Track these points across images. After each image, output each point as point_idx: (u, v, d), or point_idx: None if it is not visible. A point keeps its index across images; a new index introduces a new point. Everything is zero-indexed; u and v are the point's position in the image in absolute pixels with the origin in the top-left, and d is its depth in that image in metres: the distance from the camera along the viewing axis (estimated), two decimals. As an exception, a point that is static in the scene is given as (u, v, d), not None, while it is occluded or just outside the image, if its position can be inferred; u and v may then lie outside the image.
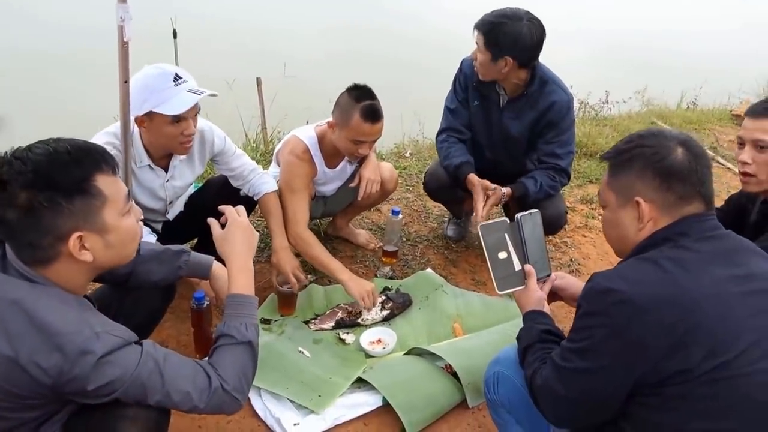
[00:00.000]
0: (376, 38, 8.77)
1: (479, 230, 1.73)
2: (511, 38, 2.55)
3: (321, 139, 2.65)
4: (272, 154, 2.95)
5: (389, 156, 4.41)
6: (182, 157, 2.37)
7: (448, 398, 2.15)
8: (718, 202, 2.47)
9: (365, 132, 2.45)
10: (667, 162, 1.31)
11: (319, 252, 2.54)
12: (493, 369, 1.66)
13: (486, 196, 2.73)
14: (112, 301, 1.70)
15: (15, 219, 1.19)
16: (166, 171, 2.37)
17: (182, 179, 2.47)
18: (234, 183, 2.56)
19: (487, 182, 2.75)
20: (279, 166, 2.71)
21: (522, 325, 1.63)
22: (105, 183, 1.26)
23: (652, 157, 1.32)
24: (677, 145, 1.32)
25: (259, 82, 4.60)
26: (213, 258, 1.85)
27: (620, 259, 1.43)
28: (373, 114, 2.43)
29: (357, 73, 3.06)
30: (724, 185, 4.59)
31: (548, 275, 1.78)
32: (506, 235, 1.74)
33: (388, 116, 2.49)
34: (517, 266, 1.73)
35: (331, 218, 3.21)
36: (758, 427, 1.19)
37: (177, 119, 2.13)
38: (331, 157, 2.71)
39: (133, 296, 1.75)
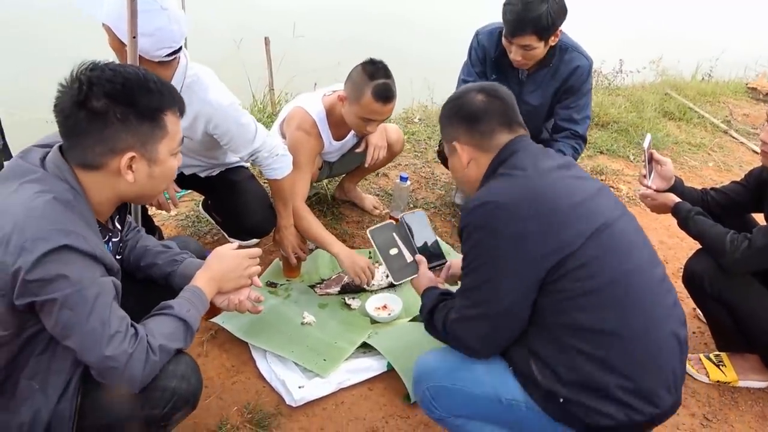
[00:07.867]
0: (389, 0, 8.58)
1: (368, 234, 1.96)
2: (557, 11, 2.51)
3: (329, 112, 2.56)
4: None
5: (398, 121, 4.35)
6: None
7: (452, 365, 2.16)
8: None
9: (376, 111, 2.39)
10: (466, 108, 1.58)
11: (313, 226, 2.50)
12: (421, 388, 1.59)
13: None
14: None
15: (83, 118, 1.26)
16: None
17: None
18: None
19: None
20: (283, 137, 2.63)
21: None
22: (171, 120, 1.37)
23: (454, 107, 1.62)
24: (477, 93, 1.57)
25: (267, 41, 4.50)
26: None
27: None
28: (386, 94, 2.35)
29: (367, 34, 2.99)
30: (737, 159, 4.53)
31: (444, 262, 1.96)
32: (394, 234, 1.97)
33: (398, 80, 2.43)
34: (409, 258, 1.93)
35: (338, 182, 3.19)
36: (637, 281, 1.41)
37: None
38: (339, 129, 2.63)
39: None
